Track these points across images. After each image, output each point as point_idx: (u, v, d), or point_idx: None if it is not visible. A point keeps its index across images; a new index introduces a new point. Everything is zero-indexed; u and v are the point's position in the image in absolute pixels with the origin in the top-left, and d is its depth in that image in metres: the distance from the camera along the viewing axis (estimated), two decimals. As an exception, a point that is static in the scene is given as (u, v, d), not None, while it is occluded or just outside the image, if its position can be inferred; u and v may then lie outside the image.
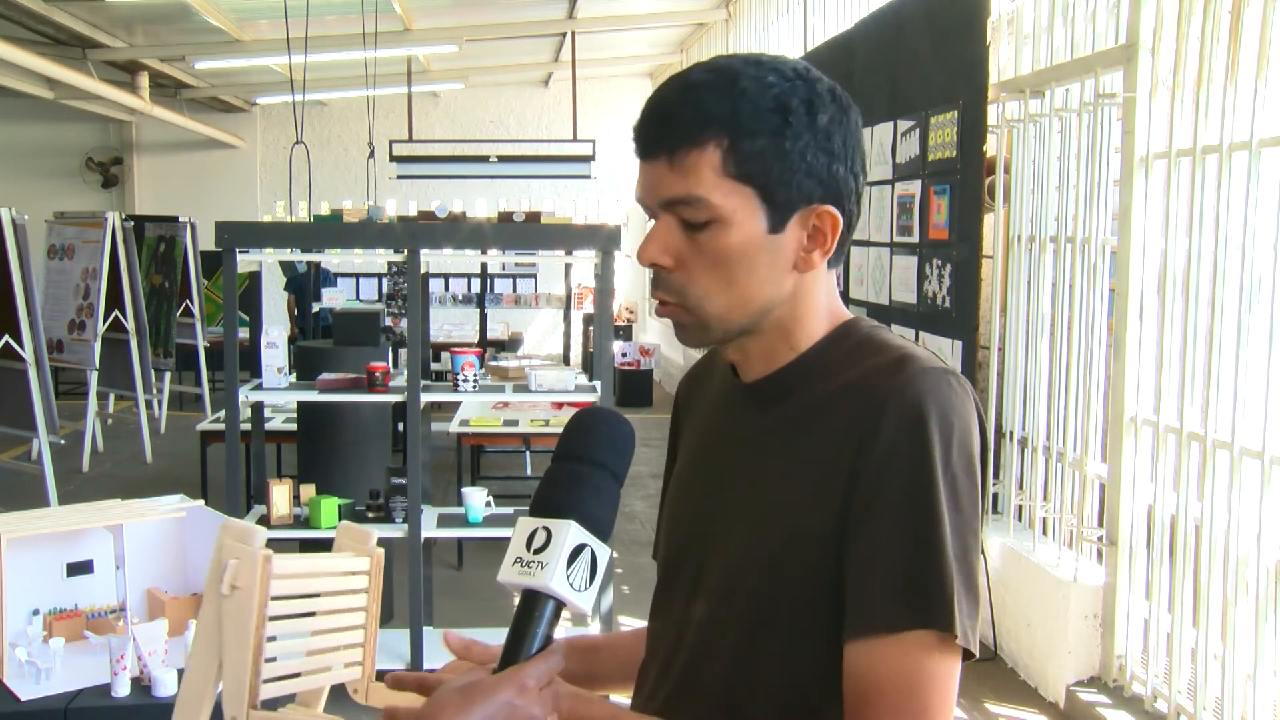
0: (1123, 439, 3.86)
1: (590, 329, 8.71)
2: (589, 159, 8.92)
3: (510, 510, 4.28)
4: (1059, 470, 4.23)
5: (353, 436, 4.64)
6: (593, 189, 11.88)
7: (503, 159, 9.11)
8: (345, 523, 1.93)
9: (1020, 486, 4.55)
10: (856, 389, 1.00)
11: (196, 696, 1.46)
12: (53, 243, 8.26)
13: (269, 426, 5.51)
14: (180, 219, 9.75)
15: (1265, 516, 3.17)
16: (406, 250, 4.02)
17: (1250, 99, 3.22)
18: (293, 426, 5.67)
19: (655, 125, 1.01)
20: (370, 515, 4.08)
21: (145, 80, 10.65)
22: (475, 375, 4.08)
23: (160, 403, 9.32)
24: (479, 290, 10.01)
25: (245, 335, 5.91)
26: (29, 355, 6.11)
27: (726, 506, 1.08)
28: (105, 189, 13.59)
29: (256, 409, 4.38)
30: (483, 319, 9.67)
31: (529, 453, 7.49)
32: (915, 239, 4.80)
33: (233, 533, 1.47)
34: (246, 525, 1.47)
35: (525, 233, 5.57)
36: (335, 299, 8.89)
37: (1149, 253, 3.79)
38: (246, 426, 4.30)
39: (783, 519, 1.01)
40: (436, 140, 11.47)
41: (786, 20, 8.31)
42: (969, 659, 0.96)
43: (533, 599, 0.97)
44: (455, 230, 4.73)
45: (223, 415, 4.68)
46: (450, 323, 10.83)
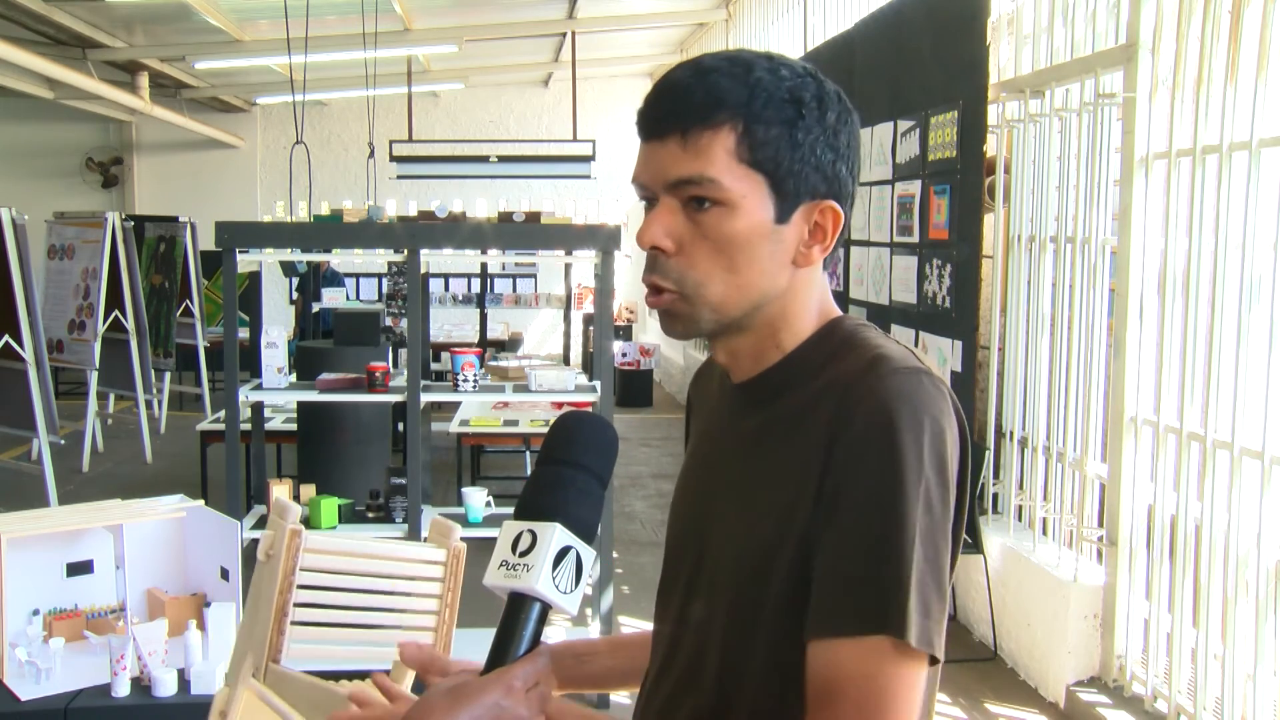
0: (1123, 439, 3.86)
1: (590, 329, 8.71)
2: (589, 159, 8.92)
3: (510, 510, 4.28)
4: (1059, 470, 4.23)
5: (353, 436, 4.65)
6: (593, 189, 11.88)
7: (503, 159, 9.11)
8: (436, 517, 1.95)
9: (1020, 486, 4.55)
10: (833, 389, 0.99)
11: (242, 654, 1.60)
12: (53, 243, 8.26)
13: (269, 426, 5.51)
14: (180, 219, 9.75)
15: (1265, 516, 3.17)
16: (406, 250, 4.02)
17: (1250, 99, 3.22)
18: (293, 426, 5.67)
19: (668, 104, 0.99)
20: (370, 515, 4.08)
21: (145, 80, 10.66)
22: (475, 375, 4.08)
23: (160, 403, 9.32)
24: (479, 290, 10.02)
25: (245, 335, 5.92)
26: (29, 355, 6.11)
27: (720, 507, 1.08)
28: (105, 189, 13.60)
29: (256, 409, 4.38)
30: (483, 319, 9.67)
31: (529, 453, 7.48)
32: (915, 239, 4.81)
33: (278, 509, 1.62)
34: (288, 504, 1.60)
35: (525, 233, 5.58)
36: (335, 299, 8.90)
37: (1149, 253, 3.79)
38: (246, 426, 4.30)
39: (767, 521, 1.01)
40: (436, 140, 11.47)
41: (786, 20, 8.31)
42: (935, 663, 0.95)
43: (519, 601, 0.97)
44: (455, 230, 4.73)
45: (223, 415, 4.68)
46: (450, 323, 10.84)
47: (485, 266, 9.93)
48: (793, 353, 1.06)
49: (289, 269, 9.56)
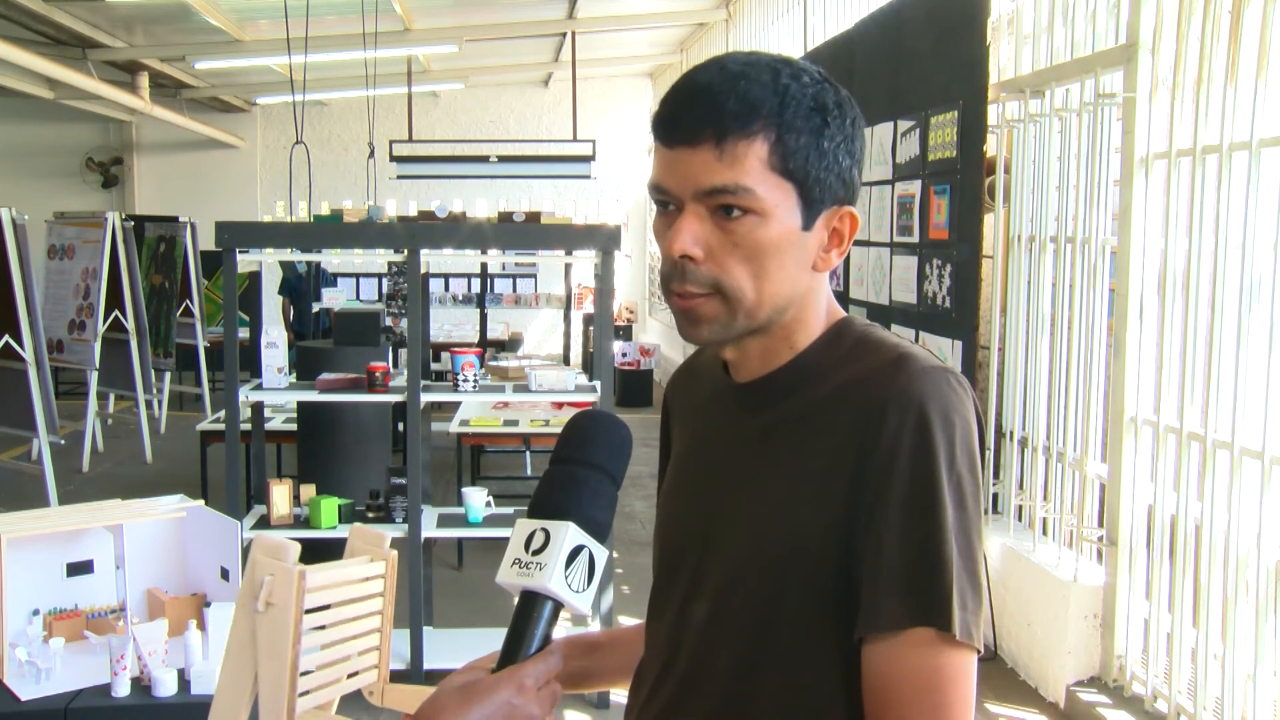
0: (1123, 439, 3.86)
1: (590, 329, 8.71)
2: (589, 159, 8.92)
3: (510, 510, 4.28)
4: (1059, 470, 4.23)
5: (353, 436, 4.65)
6: (593, 189, 11.89)
7: (503, 159, 9.11)
8: (357, 525, 1.92)
9: (1020, 486, 4.55)
10: (856, 389, 1.00)
11: (232, 710, 1.45)
12: (53, 243, 8.26)
13: (269, 426, 5.51)
14: (180, 219, 9.75)
15: (1265, 516, 3.17)
16: (406, 250, 4.02)
17: (1250, 99, 3.22)
18: (293, 426, 5.67)
19: (700, 110, 0.98)
20: (370, 515, 4.08)
21: (145, 80, 10.65)
22: (475, 375, 4.08)
23: (160, 403, 9.32)
24: (479, 290, 10.02)
25: (245, 335, 5.91)
26: (29, 355, 6.11)
27: (724, 508, 1.08)
28: (105, 189, 13.59)
29: (256, 409, 4.38)
30: (483, 319, 9.67)
31: (529, 453, 7.49)
32: (915, 239, 4.80)
33: (266, 548, 1.45)
34: (279, 540, 1.45)
35: (525, 233, 5.57)
36: (335, 299, 8.89)
37: (1149, 253, 3.79)
38: (246, 426, 4.30)
39: (784, 520, 1.01)
40: (436, 140, 11.47)
41: (786, 20, 8.31)
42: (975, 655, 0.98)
43: (531, 600, 0.97)
44: (455, 230, 4.73)
45: (223, 415, 4.68)
46: (450, 323, 10.84)
47: (485, 266, 9.93)
48: (804, 352, 1.06)
49: (287, 269, 9.57)
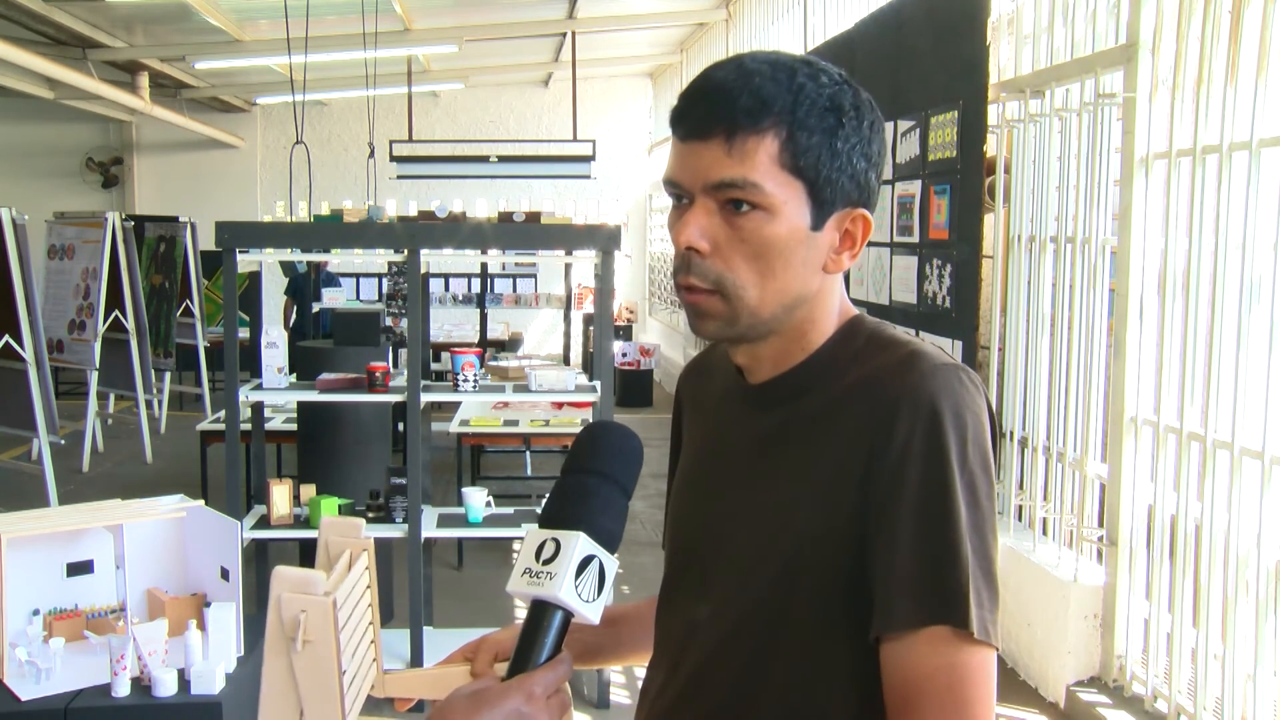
0: (1123, 439, 3.86)
1: (590, 329, 8.71)
2: (589, 159, 8.92)
3: (510, 510, 4.28)
4: (1059, 470, 4.23)
5: (353, 436, 4.64)
6: (593, 189, 11.89)
7: (503, 159, 9.10)
8: (327, 518, 1.88)
9: (1020, 486, 4.55)
10: (866, 388, 1.00)
11: None
12: (53, 243, 8.26)
13: (269, 426, 5.51)
14: (180, 219, 9.75)
15: (1265, 516, 3.17)
16: (406, 250, 4.02)
17: (1250, 99, 3.22)
18: (293, 426, 5.66)
19: (711, 105, 0.99)
20: (370, 515, 4.08)
21: (145, 80, 10.65)
22: (475, 375, 4.08)
23: (160, 403, 9.32)
24: (479, 290, 10.01)
25: (245, 335, 5.91)
26: (29, 355, 6.11)
27: (735, 508, 1.08)
28: (105, 189, 13.59)
29: (256, 409, 4.38)
30: (483, 319, 9.67)
31: (529, 453, 7.49)
32: (915, 239, 4.80)
33: (290, 583, 1.36)
34: (303, 573, 1.36)
35: (525, 233, 5.57)
36: (335, 299, 8.89)
37: (1149, 253, 3.79)
38: (246, 426, 4.30)
39: (795, 520, 1.01)
40: (436, 140, 11.47)
41: (787, 20, 8.30)
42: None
43: (541, 609, 0.98)
44: (455, 230, 4.73)
45: (223, 415, 4.67)
46: (450, 323, 10.83)
47: (485, 266, 9.92)
48: (816, 352, 1.07)
49: (288, 269, 9.56)
